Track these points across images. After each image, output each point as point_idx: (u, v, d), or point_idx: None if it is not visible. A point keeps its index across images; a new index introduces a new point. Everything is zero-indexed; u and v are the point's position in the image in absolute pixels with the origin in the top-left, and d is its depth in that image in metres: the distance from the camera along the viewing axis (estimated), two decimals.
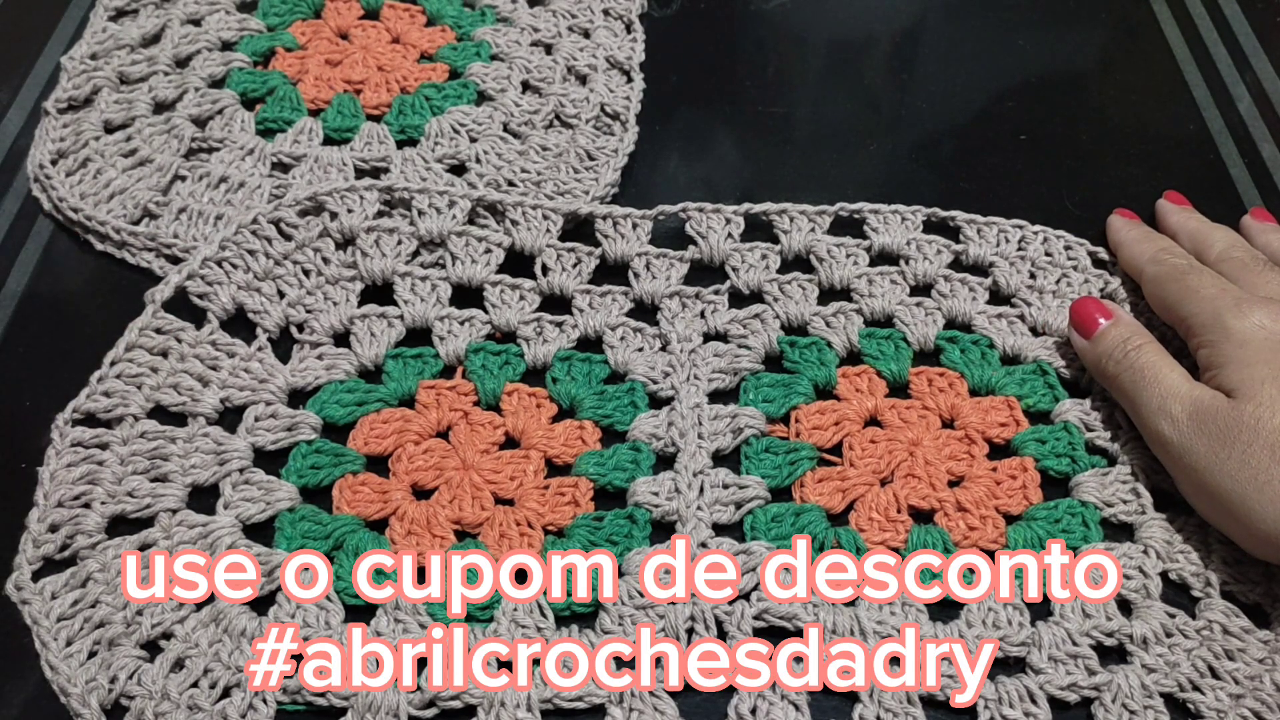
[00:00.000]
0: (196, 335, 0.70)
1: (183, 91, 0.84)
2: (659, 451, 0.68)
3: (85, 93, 0.83)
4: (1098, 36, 0.97)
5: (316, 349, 0.72)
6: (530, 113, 0.85)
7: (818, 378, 0.71)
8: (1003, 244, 0.78)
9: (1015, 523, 0.66)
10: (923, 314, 0.75)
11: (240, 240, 0.73)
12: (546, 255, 0.76)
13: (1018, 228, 0.78)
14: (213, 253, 0.72)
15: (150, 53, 0.86)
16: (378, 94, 0.86)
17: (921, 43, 0.96)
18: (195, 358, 0.69)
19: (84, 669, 0.59)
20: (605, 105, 0.86)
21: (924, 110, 0.90)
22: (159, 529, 0.63)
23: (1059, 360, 0.73)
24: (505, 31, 0.90)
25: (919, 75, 0.93)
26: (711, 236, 0.76)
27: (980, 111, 0.89)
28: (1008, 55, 0.95)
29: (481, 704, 0.58)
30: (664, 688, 0.59)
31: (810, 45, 0.95)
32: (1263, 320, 0.65)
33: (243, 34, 0.88)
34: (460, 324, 0.73)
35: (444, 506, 0.65)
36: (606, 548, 0.64)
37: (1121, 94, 0.92)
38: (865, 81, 0.93)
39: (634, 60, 0.89)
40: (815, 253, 0.77)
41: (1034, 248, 0.78)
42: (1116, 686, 0.59)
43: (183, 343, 0.70)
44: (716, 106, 0.89)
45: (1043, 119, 0.89)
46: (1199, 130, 0.89)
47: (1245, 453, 0.60)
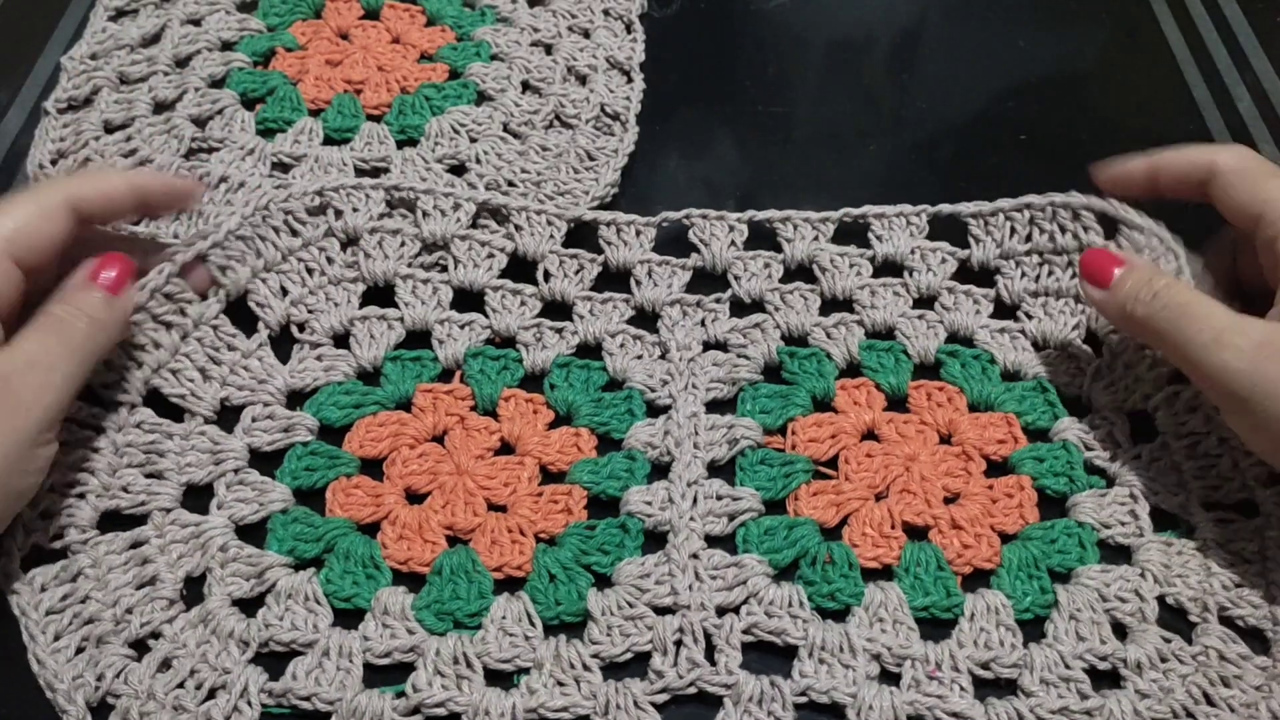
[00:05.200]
0: (202, 311, 0.69)
1: (183, 91, 0.83)
2: (654, 460, 0.67)
3: (85, 93, 0.82)
4: (1098, 36, 0.96)
5: (316, 349, 0.71)
6: (530, 113, 0.85)
7: (816, 389, 0.71)
8: (1008, 239, 0.76)
9: (1010, 542, 0.65)
10: (924, 326, 0.74)
11: (256, 223, 0.71)
12: (549, 261, 0.75)
13: (1024, 207, 0.75)
14: (236, 225, 0.70)
15: (150, 53, 0.85)
16: (378, 94, 0.85)
17: (921, 43, 0.96)
18: (198, 340, 0.69)
19: (71, 665, 0.59)
20: (605, 105, 0.86)
21: (924, 110, 0.89)
22: (151, 527, 0.63)
23: (1060, 376, 0.72)
24: (505, 31, 0.90)
25: (919, 75, 0.93)
26: (714, 244, 0.75)
27: (980, 111, 0.89)
28: (1008, 55, 0.94)
29: (466, 712, 0.58)
30: (649, 700, 0.59)
31: (810, 45, 0.94)
32: None
33: (243, 34, 0.88)
34: (460, 328, 0.72)
35: (436, 511, 0.65)
36: (598, 556, 0.63)
37: (1121, 94, 0.91)
38: (865, 81, 0.92)
39: (634, 60, 0.89)
40: (818, 262, 0.76)
41: (1039, 235, 0.75)
42: (1109, 712, 0.59)
43: (187, 316, 0.68)
44: (716, 106, 0.89)
45: (1043, 119, 0.89)
46: (1199, 130, 0.89)
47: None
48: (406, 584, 0.63)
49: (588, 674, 0.59)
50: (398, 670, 0.60)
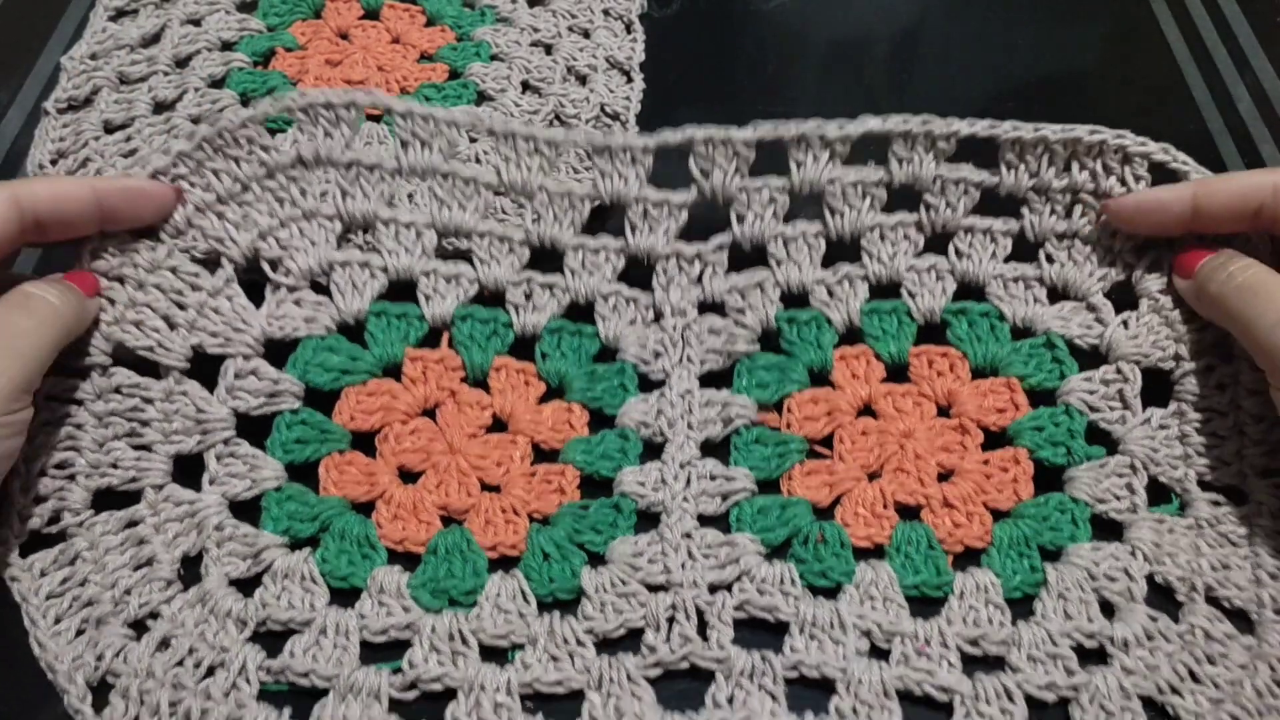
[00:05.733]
0: (153, 257, 0.66)
1: (183, 92, 0.84)
2: (647, 440, 0.68)
3: (85, 93, 0.83)
4: (1098, 36, 0.97)
5: (294, 293, 0.69)
6: (530, 113, 0.85)
7: (813, 362, 0.70)
8: (1044, 171, 0.70)
9: (1002, 519, 0.66)
10: (933, 279, 0.72)
11: (200, 156, 0.67)
12: (539, 200, 0.70)
13: (1071, 142, 0.69)
14: (164, 163, 0.66)
15: (150, 53, 0.86)
16: None
17: (921, 43, 0.96)
18: (155, 287, 0.66)
19: (71, 646, 0.59)
20: (605, 105, 0.86)
21: (924, 110, 0.89)
22: (145, 505, 0.64)
23: (1074, 329, 0.70)
24: (505, 32, 0.91)
25: (919, 75, 0.93)
26: (716, 174, 0.68)
27: (980, 111, 0.88)
28: (1008, 55, 0.95)
29: (461, 687, 0.58)
30: (642, 674, 0.60)
31: (810, 45, 0.95)
32: None
33: (243, 34, 0.89)
34: (446, 281, 0.71)
35: (430, 492, 0.66)
36: (591, 536, 0.64)
37: (1121, 94, 0.92)
38: (865, 81, 0.93)
39: (634, 60, 0.90)
40: (828, 195, 0.70)
41: (1079, 172, 0.70)
42: (1095, 688, 0.59)
43: (139, 266, 0.66)
44: (716, 106, 0.89)
45: (1043, 119, 0.88)
46: (1199, 130, 0.89)
47: None
48: (401, 563, 0.63)
49: (581, 649, 0.60)
50: (394, 647, 0.61)
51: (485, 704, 0.58)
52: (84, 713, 0.58)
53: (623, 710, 0.58)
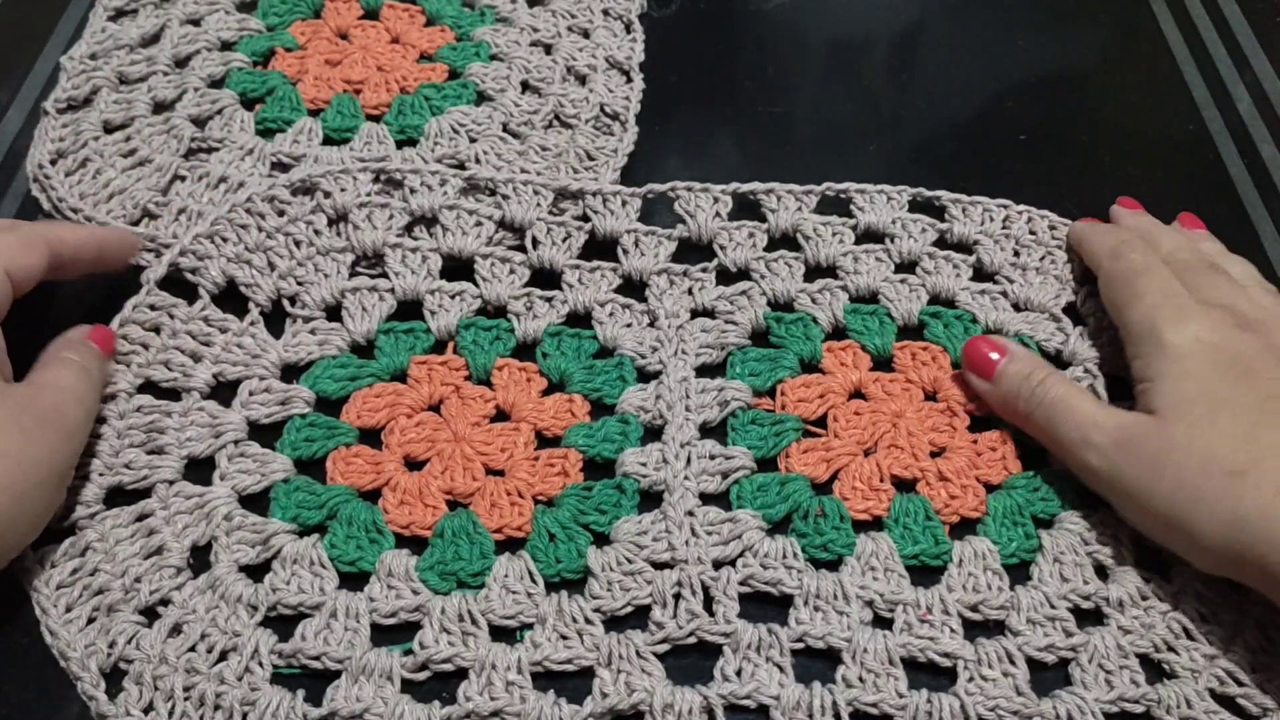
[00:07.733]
0: (189, 311, 0.73)
1: (182, 91, 0.85)
2: (647, 424, 0.71)
3: (85, 93, 0.84)
4: (1098, 36, 0.99)
5: (309, 323, 0.74)
6: (530, 113, 0.87)
7: (803, 352, 0.74)
8: (987, 223, 0.80)
9: (995, 491, 0.69)
10: (907, 290, 0.78)
11: (234, 217, 0.75)
12: (537, 229, 0.78)
13: (1002, 207, 0.81)
14: (206, 229, 0.74)
15: (150, 53, 0.87)
16: (377, 94, 0.87)
17: (921, 43, 0.98)
18: (187, 334, 0.72)
19: (83, 634, 0.61)
20: (605, 105, 0.88)
21: (924, 110, 0.92)
22: (156, 499, 0.66)
23: (1041, 334, 0.76)
24: (505, 31, 0.92)
25: (919, 75, 0.95)
26: (700, 215, 0.79)
27: (980, 111, 0.91)
28: (1008, 55, 0.97)
29: (473, 667, 0.61)
30: (651, 650, 0.62)
31: (810, 45, 0.97)
32: (1199, 333, 0.65)
33: (242, 34, 0.90)
34: (451, 298, 0.75)
35: (436, 477, 0.68)
36: (596, 516, 0.66)
37: (1121, 94, 0.94)
38: (865, 81, 0.95)
39: (633, 60, 0.91)
40: (802, 231, 0.79)
41: (1018, 226, 0.81)
42: (1093, 648, 0.63)
43: (175, 319, 0.72)
44: (716, 106, 0.92)
45: (1043, 119, 0.91)
46: (1199, 130, 0.92)
47: (1179, 473, 0.61)
48: (409, 547, 0.66)
49: (590, 627, 0.63)
50: (404, 629, 0.63)
51: (497, 682, 0.60)
52: (98, 699, 0.59)
53: (633, 686, 0.60)
